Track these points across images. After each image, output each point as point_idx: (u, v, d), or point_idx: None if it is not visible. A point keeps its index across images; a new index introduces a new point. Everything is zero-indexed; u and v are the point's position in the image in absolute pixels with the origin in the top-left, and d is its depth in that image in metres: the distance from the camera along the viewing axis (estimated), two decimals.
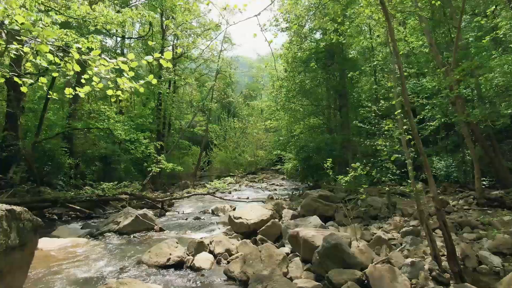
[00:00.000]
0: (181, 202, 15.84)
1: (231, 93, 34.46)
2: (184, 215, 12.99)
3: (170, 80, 26.81)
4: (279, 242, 7.21)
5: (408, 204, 10.35)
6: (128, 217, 8.72)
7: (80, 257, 6.70)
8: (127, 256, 6.78)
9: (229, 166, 33.53)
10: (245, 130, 35.52)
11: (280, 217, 10.56)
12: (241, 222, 7.80)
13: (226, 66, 30.09)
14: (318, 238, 5.52)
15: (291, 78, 15.23)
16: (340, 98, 15.48)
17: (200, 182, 28.10)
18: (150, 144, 16.37)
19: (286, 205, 11.86)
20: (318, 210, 9.44)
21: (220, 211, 13.46)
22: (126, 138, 15.87)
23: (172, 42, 26.93)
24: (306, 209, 9.59)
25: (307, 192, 11.34)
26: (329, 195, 10.22)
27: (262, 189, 20.02)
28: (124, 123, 17.07)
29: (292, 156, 20.12)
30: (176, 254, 6.14)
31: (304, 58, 14.76)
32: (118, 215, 9.20)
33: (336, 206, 9.80)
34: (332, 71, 15.14)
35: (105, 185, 12.80)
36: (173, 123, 29.62)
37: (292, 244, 6.24)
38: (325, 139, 13.14)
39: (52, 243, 7.36)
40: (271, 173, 33.15)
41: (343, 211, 9.80)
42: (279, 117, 17.90)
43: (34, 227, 3.80)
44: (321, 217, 9.30)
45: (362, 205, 9.82)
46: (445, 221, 4.66)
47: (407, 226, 7.80)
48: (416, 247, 5.99)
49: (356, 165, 6.09)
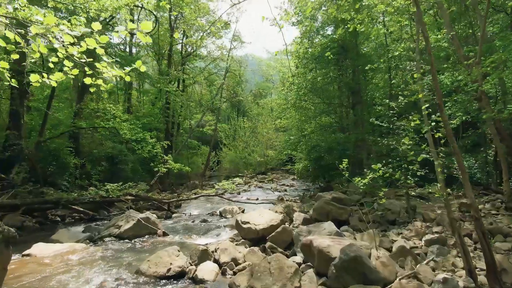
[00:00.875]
0: (188, 203, 15.37)
1: (240, 91, 33.90)
2: (191, 217, 12.53)
3: (179, 79, 26.45)
4: (290, 250, 6.62)
5: (427, 207, 9.65)
6: (130, 220, 8.21)
7: (75, 265, 6.20)
8: (125, 265, 6.26)
9: (239, 166, 33.14)
10: (255, 129, 34.97)
11: (291, 220, 9.97)
12: (249, 228, 7.22)
13: (235, 65, 29.59)
14: (335, 249, 4.92)
15: (303, 75, 14.60)
16: (353, 96, 14.79)
17: (209, 182, 27.67)
18: (157, 143, 15.89)
19: (297, 207, 11.26)
20: (331, 213, 8.82)
21: (228, 213, 12.96)
22: (132, 137, 15.44)
23: (181, 40, 26.50)
24: (318, 213, 8.98)
25: (319, 194, 10.70)
26: (343, 197, 9.56)
27: (272, 190, 19.41)
28: (130, 122, 16.65)
29: (303, 156, 19.49)
30: (177, 263, 5.60)
31: (316, 54, 14.12)
32: (120, 218, 8.71)
33: (350, 210, 9.16)
34: (345, 68, 14.45)
35: (109, 186, 12.37)
36: (182, 123, 29.30)
37: (305, 253, 5.65)
38: (338, 138, 12.43)
39: (47, 249, 6.90)
40: (281, 173, 32.54)
41: (358, 215, 9.16)
42: (290, 116, 17.26)
43: (4, 239, 3.29)
44: (334, 221, 8.68)
45: (378, 209, 9.15)
46: (485, 231, 4.02)
47: (430, 233, 7.13)
48: (444, 258, 5.34)
49: (377, 166, 5.45)
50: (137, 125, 17.14)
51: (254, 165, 33.19)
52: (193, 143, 27.60)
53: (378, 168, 5.39)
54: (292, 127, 22.00)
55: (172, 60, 24.37)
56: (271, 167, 34.05)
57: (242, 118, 36.86)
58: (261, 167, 33.13)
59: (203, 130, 35.87)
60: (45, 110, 13.79)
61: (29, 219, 10.96)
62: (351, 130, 14.68)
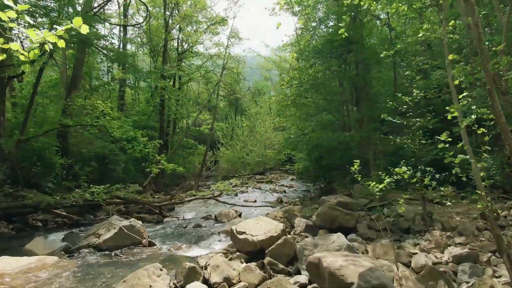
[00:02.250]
0: (182, 206, 14.46)
1: (238, 89, 32.86)
2: (184, 222, 11.66)
3: (175, 77, 25.44)
4: (293, 266, 5.68)
5: (443, 213, 8.70)
6: (111, 229, 7.23)
7: (40, 286, 5.26)
8: (98, 286, 5.32)
9: (236, 166, 32.25)
10: (253, 128, 34.03)
11: (292, 227, 9.06)
12: (246, 239, 6.27)
13: (233, 62, 28.53)
14: (350, 271, 3.99)
15: (304, 70, 13.64)
16: (356, 92, 13.84)
17: (206, 182, 26.74)
18: (149, 142, 14.89)
19: (298, 211, 10.32)
20: (337, 220, 7.90)
21: (224, 217, 12.08)
22: (122, 136, 14.45)
23: (177, 36, 25.52)
24: (322, 219, 8.06)
25: (323, 198, 9.75)
26: (349, 202, 8.61)
27: (271, 191, 18.45)
28: (121, 119, 15.67)
29: (303, 156, 18.55)
30: (158, 285, 4.65)
31: (318, 47, 13.15)
32: (102, 226, 7.74)
33: (358, 215, 8.24)
34: (348, 62, 13.50)
35: (95, 188, 11.39)
36: (179, 122, 28.27)
37: (312, 273, 4.72)
38: (341, 137, 11.41)
39: (11, 264, 5.92)
40: (279, 173, 31.66)
41: (366, 221, 8.24)
42: (290, 113, 16.31)
43: None
44: (340, 228, 7.79)
45: (389, 215, 8.23)
46: None
47: (453, 245, 6.22)
48: (480, 280, 4.41)
49: (402, 169, 4.51)
50: (127, 123, 16.17)
51: (252, 165, 32.33)
52: (189, 143, 26.57)
53: (403, 171, 4.44)
54: (292, 126, 21.12)
55: (167, 56, 23.35)
56: (270, 167, 33.14)
57: (240, 116, 35.89)
58: (259, 167, 32.23)
59: (200, 129, 34.87)
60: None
61: (5, 225, 10.01)
62: (354, 128, 13.70)
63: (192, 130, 32.42)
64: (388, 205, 9.08)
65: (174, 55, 25.18)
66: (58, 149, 14.69)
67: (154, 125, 22.52)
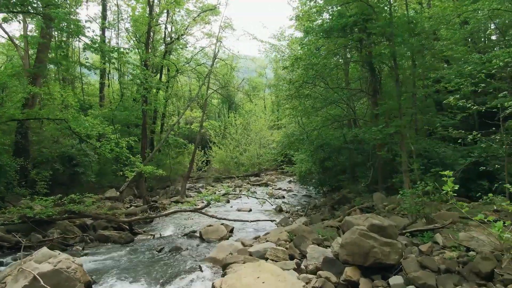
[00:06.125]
0: (163, 218, 11.84)
1: (232, 85, 30.15)
2: (160, 242, 9.08)
3: (162, 69, 22.68)
4: None
5: None
6: (20, 279, 4.47)
7: None
8: None
9: (229, 166, 29.88)
10: (247, 126, 31.48)
11: (301, 256, 6.53)
12: None
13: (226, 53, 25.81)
14: None
15: (310, 52, 11.01)
16: (375, 79, 11.25)
17: (196, 185, 24.15)
18: (122, 140, 12.11)
19: (308, 233, 7.68)
20: (371, 253, 5.30)
21: (211, 235, 9.59)
22: (88, 132, 11.65)
23: (164, 26, 22.74)
24: (351, 252, 5.46)
25: (347, 219, 7.09)
26: (387, 225, 5.97)
27: (268, 197, 15.76)
28: (87, 112, 12.89)
29: (304, 157, 15.97)
30: None
31: (328, 25, 10.54)
32: (16, 267, 5.01)
33: (401, 246, 5.64)
34: (366, 41, 10.88)
35: (38, 200, 8.67)
36: (168, 119, 25.61)
37: None
38: (373, 131, 8.62)
39: None
40: (276, 174, 29.28)
41: (415, 255, 5.65)
42: (291, 106, 13.70)
43: None
44: (377, 266, 5.27)
45: (449, 246, 5.65)
46: None
47: None
48: None
49: None
50: (98, 118, 13.37)
51: (247, 165, 29.80)
52: (179, 141, 23.85)
53: None
54: (291, 123, 18.52)
55: (151, 44, 20.53)
56: (265, 167, 30.61)
57: (234, 113, 33.31)
58: (254, 168, 29.69)
59: (191, 127, 32.22)
60: None
61: None
62: (372, 124, 11.10)
63: (182, 128, 29.77)
64: (440, 230, 6.47)
65: (161, 49, 22.37)
66: (9, 147, 11.93)
67: (138, 122, 19.73)
